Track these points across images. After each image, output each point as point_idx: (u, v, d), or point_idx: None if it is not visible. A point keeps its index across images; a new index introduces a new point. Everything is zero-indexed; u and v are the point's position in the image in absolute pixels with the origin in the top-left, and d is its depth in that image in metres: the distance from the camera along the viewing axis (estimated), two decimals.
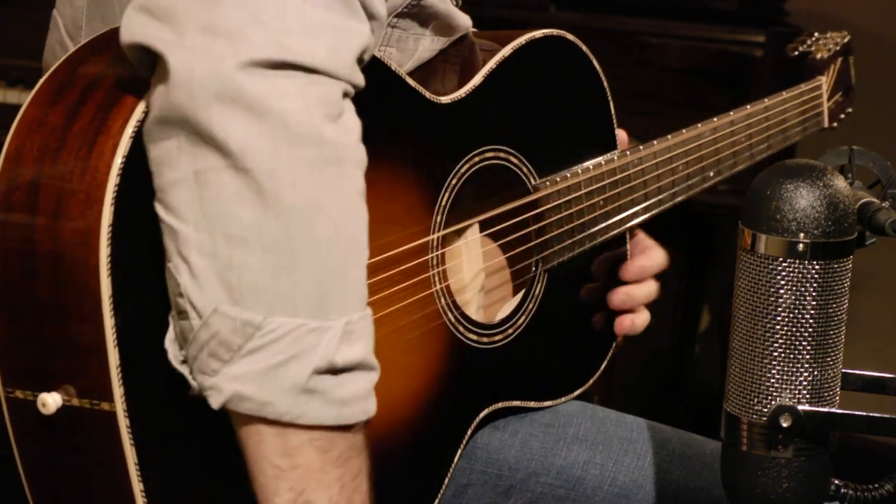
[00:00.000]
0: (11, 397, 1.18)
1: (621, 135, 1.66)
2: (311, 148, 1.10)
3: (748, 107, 1.73)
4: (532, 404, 1.57)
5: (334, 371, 1.13)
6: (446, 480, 1.44)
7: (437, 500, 1.42)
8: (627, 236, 1.65)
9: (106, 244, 1.12)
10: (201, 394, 1.13)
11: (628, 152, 1.56)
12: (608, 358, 1.66)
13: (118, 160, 1.13)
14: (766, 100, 1.75)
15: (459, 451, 1.45)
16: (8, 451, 1.21)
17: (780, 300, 1.14)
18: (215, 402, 1.12)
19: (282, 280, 1.10)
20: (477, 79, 1.47)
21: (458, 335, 1.45)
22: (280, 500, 1.14)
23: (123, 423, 1.13)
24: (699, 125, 1.66)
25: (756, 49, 3.10)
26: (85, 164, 1.14)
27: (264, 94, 1.08)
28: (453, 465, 1.45)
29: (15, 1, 3.03)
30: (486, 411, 1.50)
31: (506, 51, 1.51)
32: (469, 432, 1.47)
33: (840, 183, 1.16)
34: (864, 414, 1.16)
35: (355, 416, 1.16)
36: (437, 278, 1.41)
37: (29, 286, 1.16)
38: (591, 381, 1.64)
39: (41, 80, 1.20)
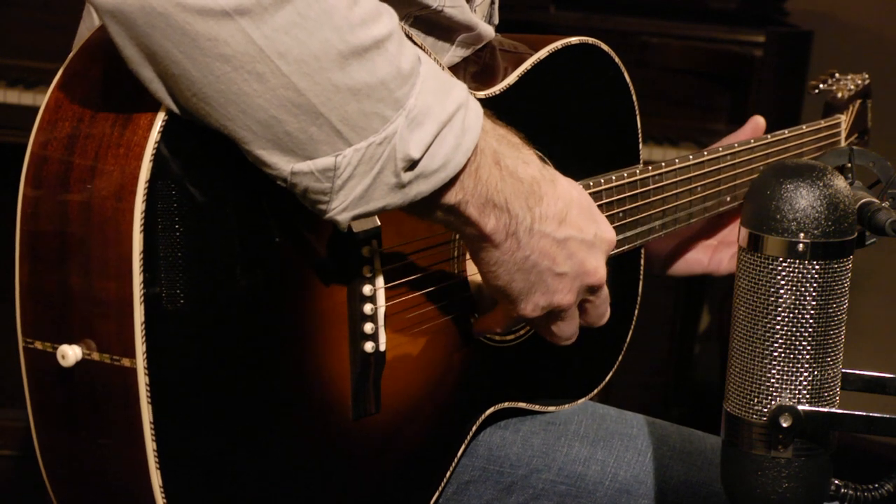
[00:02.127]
0: (30, 348, 1.17)
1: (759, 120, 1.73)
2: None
3: (768, 136, 1.75)
4: (536, 408, 1.57)
5: (415, 162, 1.16)
6: (448, 474, 1.44)
7: (437, 493, 1.43)
8: (642, 250, 1.65)
9: (141, 200, 1.11)
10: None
11: (650, 167, 1.56)
12: (614, 369, 1.67)
13: (161, 115, 1.13)
14: (786, 131, 1.77)
15: (463, 447, 1.46)
16: (8, 450, 1.20)
17: (780, 300, 1.14)
18: (342, 226, 1.18)
19: (328, 121, 1.13)
20: (511, 78, 1.47)
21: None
22: (490, 222, 1.23)
23: (143, 380, 1.12)
24: (720, 148, 1.67)
25: (756, 49, 3.10)
26: (127, 118, 1.13)
27: None
28: (456, 460, 1.45)
29: (15, 1, 3.03)
30: (491, 409, 1.50)
31: (541, 54, 1.51)
32: (474, 429, 1.47)
33: (840, 183, 1.16)
34: (864, 414, 1.16)
35: (466, 152, 1.19)
36: (455, 269, 1.42)
37: (58, 237, 1.15)
38: (595, 391, 1.64)
39: (86, 40, 1.18)
